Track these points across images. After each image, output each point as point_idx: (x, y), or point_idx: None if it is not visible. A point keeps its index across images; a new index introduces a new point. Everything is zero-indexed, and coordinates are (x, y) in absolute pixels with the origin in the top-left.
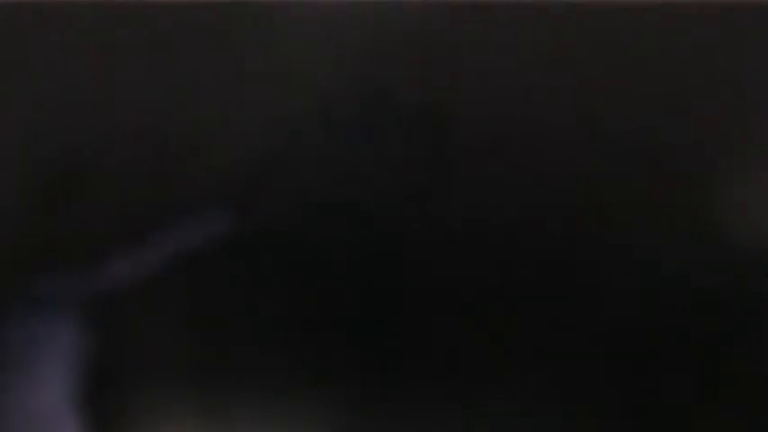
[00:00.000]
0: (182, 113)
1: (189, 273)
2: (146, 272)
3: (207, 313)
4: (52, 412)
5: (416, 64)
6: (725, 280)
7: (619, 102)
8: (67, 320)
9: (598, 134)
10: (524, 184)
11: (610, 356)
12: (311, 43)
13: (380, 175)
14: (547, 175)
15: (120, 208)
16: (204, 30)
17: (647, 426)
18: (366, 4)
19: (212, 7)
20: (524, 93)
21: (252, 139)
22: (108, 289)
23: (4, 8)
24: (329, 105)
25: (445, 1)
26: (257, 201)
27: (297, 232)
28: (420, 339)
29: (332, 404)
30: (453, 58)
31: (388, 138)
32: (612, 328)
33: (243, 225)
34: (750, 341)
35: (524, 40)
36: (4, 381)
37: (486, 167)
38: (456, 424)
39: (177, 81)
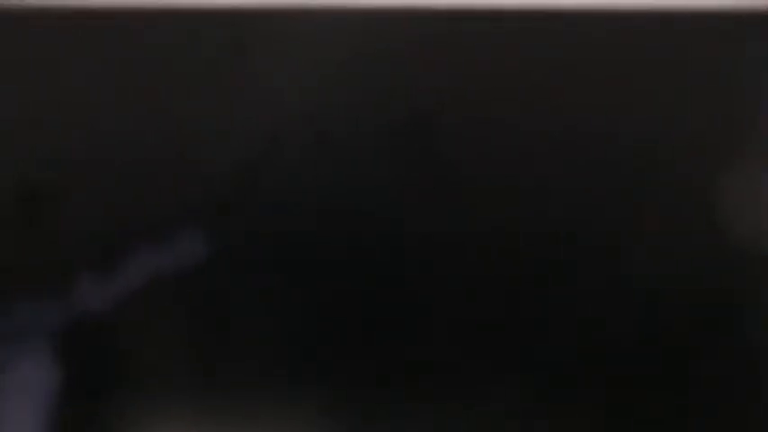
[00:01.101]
0: (162, 129)
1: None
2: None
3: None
4: None
5: (405, 73)
6: (723, 280)
7: (612, 103)
8: (42, 347)
9: (589, 138)
10: (520, 192)
11: (609, 357)
12: (298, 55)
13: (371, 182)
14: (541, 179)
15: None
16: (186, 45)
17: (645, 426)
18: (354, 16)
19: (197, 22)
20: (518, 99)
21: (237, 151)
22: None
23: None
24: (317, 115)
25: (433, 12)
26: (245, 212)
27: (287, 240)
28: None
29: (331, 405)
30: (443, 66)
31: (377, 147)
32: (611, 329)
33: (233, 233)
34: (747, 341)
35: (515, 48)
36: None
37: (474, 174)
38: (456, 424)
39: (158, 98)
